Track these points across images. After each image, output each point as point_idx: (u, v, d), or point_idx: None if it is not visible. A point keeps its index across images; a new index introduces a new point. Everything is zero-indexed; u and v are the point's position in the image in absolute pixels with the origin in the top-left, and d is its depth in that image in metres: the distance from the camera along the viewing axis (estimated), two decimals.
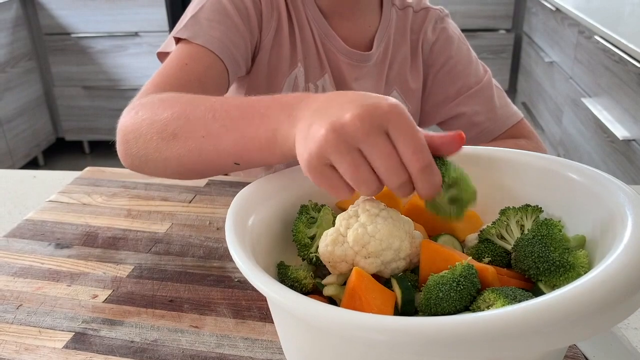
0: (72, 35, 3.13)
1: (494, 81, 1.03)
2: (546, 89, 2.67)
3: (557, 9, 2.46)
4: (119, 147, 0.71)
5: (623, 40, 1.79)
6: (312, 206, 0.59)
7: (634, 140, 1.75)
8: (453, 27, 1.03)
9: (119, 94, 3.24)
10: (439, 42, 1.01)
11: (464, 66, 1.00)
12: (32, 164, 3.27)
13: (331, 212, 0.58)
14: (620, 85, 1.85)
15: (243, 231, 0.50)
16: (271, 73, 0.94)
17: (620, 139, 1.78)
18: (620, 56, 1.81)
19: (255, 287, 0.42)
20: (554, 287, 0.48)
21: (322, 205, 0.59)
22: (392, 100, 0.48)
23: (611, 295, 0.36)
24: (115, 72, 3.21)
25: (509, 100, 1.04)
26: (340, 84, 0.98)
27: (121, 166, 0.75)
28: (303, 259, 0.57)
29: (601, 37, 1.97)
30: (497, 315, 0.35)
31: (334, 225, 0.55)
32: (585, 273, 0.47)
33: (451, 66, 1.00)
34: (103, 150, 3.49)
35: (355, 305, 0.48)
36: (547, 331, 0.35)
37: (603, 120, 1.91)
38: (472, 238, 0.58)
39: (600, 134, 2.00)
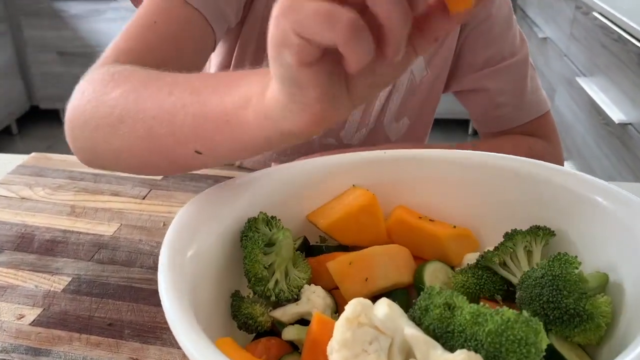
0: None
1: (530, 59, 0.87)
2: (539, 66, 2.57)
3: None
4: (67, 139, 0.59)
5: (623, 18, 1.68)
6: (264, 219, 0.48)
7: (630, 124, 1.66)
8: None
9: (96, 61, 3.08)
10: None
11: (501, 29, 0.85)
12: (5, 133, 3.14)
13: (291, 235, 0.48)
14: (618, 65, 1.75)
15: (180, 268, 0.40)
16: (265, 24, 0.77)
17: (616, 122, 1.68)
18: (620, 34, 1.71)
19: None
20: (567, 338, 0.39)
21: (272, 217, 0.48)
22: None
23: None
24: (91, 38, 3.04)
25: (540, 84, 0.89)
26: None
27: None
28: (256, 294, 0.46)
29: (600, 13, 1.87)
30: None
31: (297, 249, 0.46)
32: (606, 324, 0.38)
33: (488, 27, 0.84)
34: None
35: (318, 359, 0.39)
36: None
37: (599, 102, 1.81)
38: (471, 258, 0.48)
39: (595, 116, 1.90)
